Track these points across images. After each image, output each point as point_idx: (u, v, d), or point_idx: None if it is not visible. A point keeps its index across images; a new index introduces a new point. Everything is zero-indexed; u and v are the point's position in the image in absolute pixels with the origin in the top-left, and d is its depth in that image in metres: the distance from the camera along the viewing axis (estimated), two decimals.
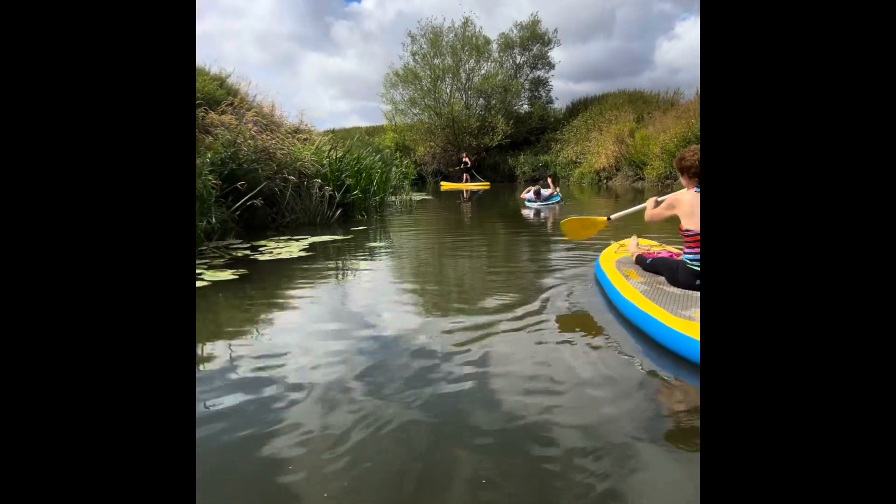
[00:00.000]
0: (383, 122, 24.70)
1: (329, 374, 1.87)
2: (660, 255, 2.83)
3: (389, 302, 2.94)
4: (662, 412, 1.63)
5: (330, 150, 7.78)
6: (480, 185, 17.11)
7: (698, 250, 2.45)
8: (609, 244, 3.63)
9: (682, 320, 2.03)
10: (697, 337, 1.85)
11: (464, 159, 19.61)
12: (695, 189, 2.56)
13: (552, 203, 9.57)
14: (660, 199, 2.90)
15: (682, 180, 2.65)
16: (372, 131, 28.71)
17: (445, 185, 17.95)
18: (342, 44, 64.98)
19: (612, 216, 3.48)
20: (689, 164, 2.55)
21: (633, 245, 3.20)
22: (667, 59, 51.87)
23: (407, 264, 4.28)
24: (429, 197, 13.31)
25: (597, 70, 44.34)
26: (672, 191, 3.53)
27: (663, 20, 60.79)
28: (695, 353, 1.88)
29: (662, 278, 2.67)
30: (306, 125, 10.56)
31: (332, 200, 7.02)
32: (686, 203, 2.55)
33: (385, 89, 23.35)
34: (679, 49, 56.01)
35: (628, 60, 48.95)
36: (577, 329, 2.37)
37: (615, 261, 3.07)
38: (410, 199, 11.56)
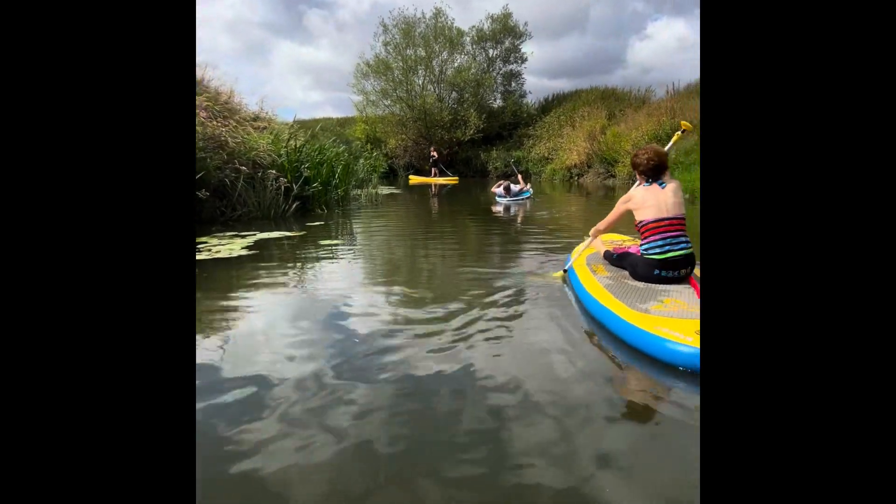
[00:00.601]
0: (364, 113, 23.96)
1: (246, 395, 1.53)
2: (626, 251, 2.86)
3: (336, 313, 2.59)
4: (627, 403, 1.65)
5: (289, 140, 7.32)
6: (449, 180, 17.06)
7: (651, 239, 2.54)
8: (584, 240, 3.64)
9: (638, 313, 2.05)
10: (650, 329, 1.91)
11: (432, 153, 19.42)
12: (644, 184, 2.68)
13: (522, 199, 9.39)
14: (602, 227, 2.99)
15: (637, 176, 2.77)
16: (343, 122, 28.14)
17: (414, 179, 17.89)
18: (315, 33, 63.66)
19: (566, 266, 3.18)
20: (639, 161, 2.69)
21: (599, 241, 3.20)
22: (639, 58, 52.40)
23: (364, 264, 3.91)
24: (398, 191, 12.93)
25: (571, 67, 44.57)
26: None
27: (636, 19, 61.61)
28: (647, 345, 1.91)
29: (627, 272, 2.72)
30: (266, 113, 10.04)
31: (290, 193, 6.60)
32: (638, 197, 2.64)
33: (356, 79, 22.78)
34: (651, 49, 56.87)
35: (601, 58, 49.31)
36: (545, 326, 2.32)
37: (587, 257, 3.12)
38: (377, 193, 11.14)
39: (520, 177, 10.26)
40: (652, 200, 2.56)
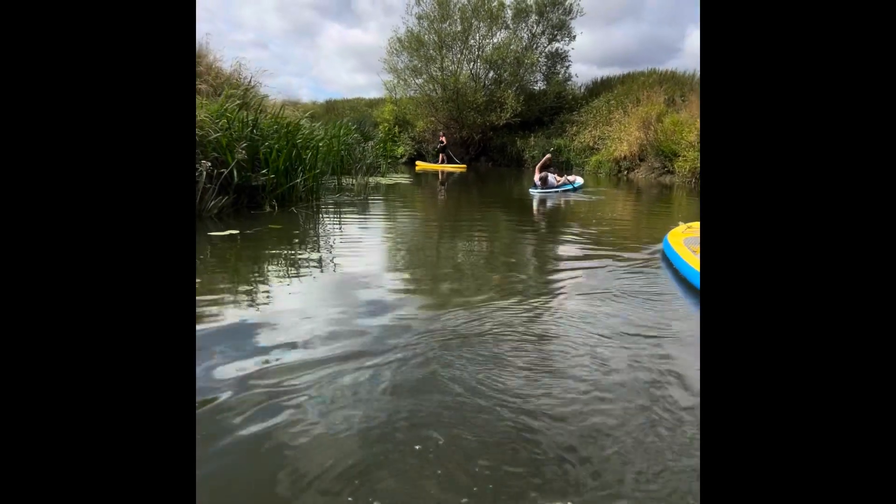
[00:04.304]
0: (394, 94, 21.99)
1: None
2: None
3: None
4: None
5: (238, 111, 5.49)
6: (457, 168, 16.00)
7: None
8: (678, 225, 3.81)
9: None
10: None
11: (440, 138, 18.21)
12: None
13: (561, 191, 8.02)
14: None
15: None
16: (373, 103, 26.37)
17: (420, 165, 16.89)
18: (363, 15, 61.89)
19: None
20: None
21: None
22: (697, 47, 48.36)
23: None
24: (406, 180, 11.02)
25: (623, 55, 41.23)
26: None
27: (696, 6, 57.29)
28: None
29: None
30: (247, 80, 8.28)
31: (226, 182, 4.79)
32: None
33: (388, 55, 20.85)
34: None
35: (657, 47, 45.61)
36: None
37: (683, 240, 3.34)
38: (368, 182, 9.23)
39: (552, 169, 8.57)
40: None
